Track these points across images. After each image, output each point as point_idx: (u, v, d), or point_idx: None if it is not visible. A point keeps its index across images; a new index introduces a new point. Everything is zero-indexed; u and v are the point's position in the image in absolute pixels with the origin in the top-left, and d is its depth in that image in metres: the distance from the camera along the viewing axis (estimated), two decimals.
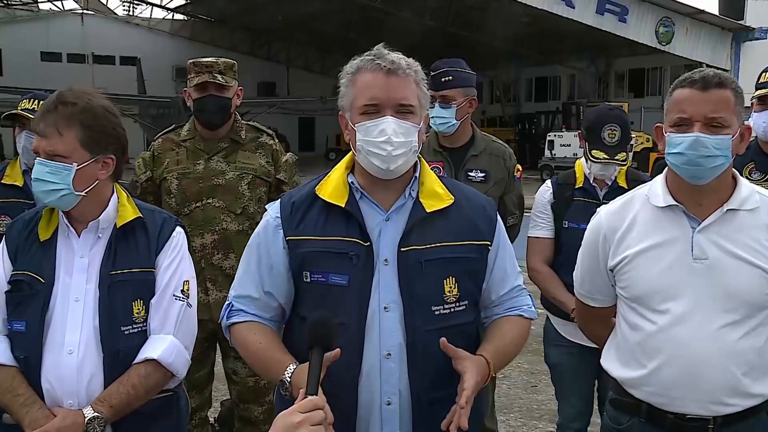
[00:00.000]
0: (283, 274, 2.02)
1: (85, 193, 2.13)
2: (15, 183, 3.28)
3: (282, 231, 2.01)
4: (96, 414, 2.06)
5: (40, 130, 2.10)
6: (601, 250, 2.24)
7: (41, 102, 3.26)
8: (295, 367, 1.92)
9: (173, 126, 3.76)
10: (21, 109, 3.29)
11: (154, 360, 2.15)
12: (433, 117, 3.47)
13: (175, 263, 2.25)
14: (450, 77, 3.53)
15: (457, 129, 3.55)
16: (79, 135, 2.10)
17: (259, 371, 2.14)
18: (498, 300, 2.11)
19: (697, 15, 27.67)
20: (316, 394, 1.55)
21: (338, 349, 1.79)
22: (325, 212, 2.00)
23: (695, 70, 2.09)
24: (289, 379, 1.90)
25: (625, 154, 3.36)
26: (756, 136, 3.39)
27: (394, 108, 1.93)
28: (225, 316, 2.10)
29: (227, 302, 2.12)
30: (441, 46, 24.58)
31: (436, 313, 1.95)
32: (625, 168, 3.43)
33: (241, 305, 2.07)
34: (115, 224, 2.20)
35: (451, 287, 1.97)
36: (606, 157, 3.29)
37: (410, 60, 1.99)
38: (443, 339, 1.91)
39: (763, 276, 2.03)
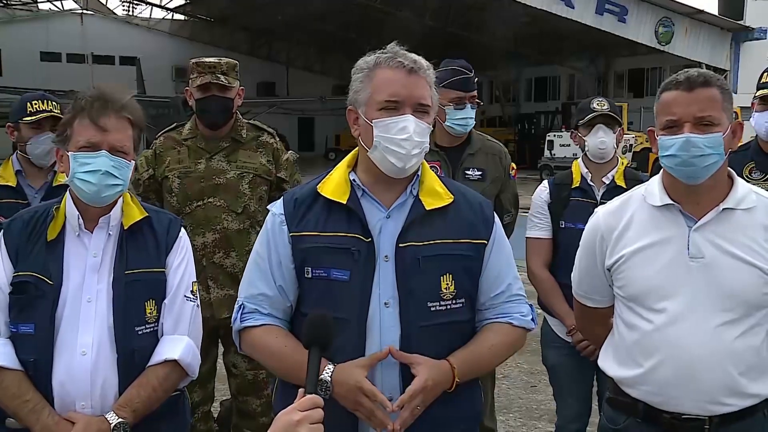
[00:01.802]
0: (291, 271, 2.02)
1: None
2: (8, 183, 3.27)
3: (286, 227, 2.02)
4: (121, 420, 2.05)
5: (103, 124, 2.09)
6: (598, 249, 2.25)
7: (52, 102, 3.28)
8: (333, 367, 1.89)
9: (174, 125, 3.79)
10: (43, 111, 3.26)
11: (173, 361, 2.15)
12: (465, 118, 3.50)
13: (184, 264, 2.27)
14: (476, 77, 3.57)
15: None
16: (133, 133, 2.17)
17: (285, 374, 2.03)
18: (490, 303, 2.08)
19: (696, 15, 27.66)
20: (315, 393, 1.55)
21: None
22: (327, 209, 2.01)
23: (680, 72, 2.10)
24: (330, 378, 1.86)
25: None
26: (756, 136, 3.39)
27: (414, 107, 1.95)
28: (238, 319, 2.06)
29: (238, 304, 2.09)
30: (441, 46, 24.54)
31: (432, 309, 1.96)
32: (622, 167, 3.43)
33: (255, 305, 2.05)
34: (122, 223, 2.20)
35: (447, 284, 1.97)
36: (601, 111, 3.33)
37: (426, 61, 2.01)
38: (391, 346, 1.91)
39: (760, 275, 2.04)
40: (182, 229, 2.32)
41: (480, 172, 3.58)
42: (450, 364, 1.95)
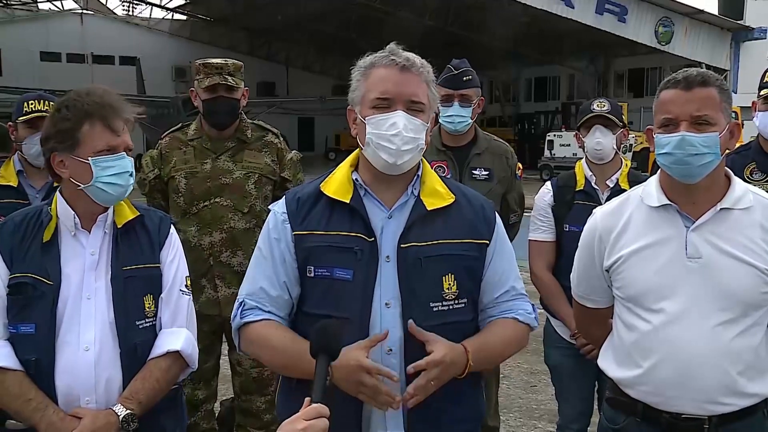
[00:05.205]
0: (294, 269, 2.02)
1: None
2: (9, 183, 3.26)
3: (289, 226, 2.03)
4: (129, 411, 2.08)
5: (117, 127, 2.15)
6: (596, 250, 2.25)
7: (49, 102, 3.27)
8: None
9: (179, 125, 3.82)
10: (37, 111, 3.25)
11: (174, 352, 2.20)
12: (451, 116, 3.52)
13: (177, 259, 2.32)
14: (470, 77, 3.58)
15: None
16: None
17: (285, 366, 2.01)
18: (493, 302, 2.09)
19: (696, 15, 27.66)
20: (322, 402, 1.54)
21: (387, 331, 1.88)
22: (329, 208, 2.01)
23: (679, 71, 2.11)
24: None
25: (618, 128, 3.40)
26: (757, 136, 3.37)
27: (405, 104, 1.96)
28: (238, 315, 2.05)
29: (238, 302, 2.08)
30: (441, 46, 24.56)
31: (435, 309, 1.96)
32: (627, 170, 3.43)
33: (255, 302, 2.04)
34: (115, 222, 2.23)
35: (449, 284, 1.98)
36: (599, 112, 3.33)
37: (423, 60, 2.02)
38: (410, 321, 1.91)
39: (758, 275, 2.04)
40: (172, 226, 2.37)
41: (487, 172, 3.60)
42: (465, 348, 1.96)
